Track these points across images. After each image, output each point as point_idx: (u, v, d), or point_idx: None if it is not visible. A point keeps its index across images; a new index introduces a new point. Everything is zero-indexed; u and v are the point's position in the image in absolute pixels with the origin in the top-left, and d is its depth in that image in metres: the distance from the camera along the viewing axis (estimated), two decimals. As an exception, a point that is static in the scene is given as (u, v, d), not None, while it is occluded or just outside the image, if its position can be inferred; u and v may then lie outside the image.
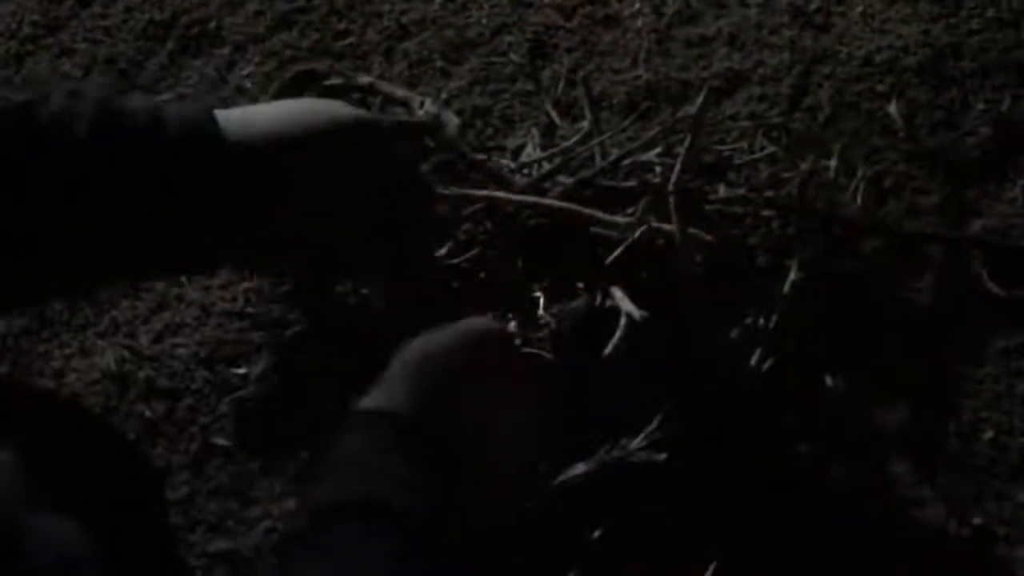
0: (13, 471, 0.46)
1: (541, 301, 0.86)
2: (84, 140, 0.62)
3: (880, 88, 1.02)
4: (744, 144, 0.98)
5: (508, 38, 1.11)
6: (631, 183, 0.90)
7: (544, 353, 0.83)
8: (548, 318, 0.85)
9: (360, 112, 0.73)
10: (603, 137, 0.93)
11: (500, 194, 0.88)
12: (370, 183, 0.71)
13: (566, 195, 0.88)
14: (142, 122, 0.64)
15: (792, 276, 0.89)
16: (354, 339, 0.92)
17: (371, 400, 0.64)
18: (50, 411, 0.70)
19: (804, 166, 0.97)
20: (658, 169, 0.91)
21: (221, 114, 0.66)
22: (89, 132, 0.62)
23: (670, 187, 0.84)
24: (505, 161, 0.96)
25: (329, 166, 0.69)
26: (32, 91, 0.64)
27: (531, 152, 0.97)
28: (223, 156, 0.65)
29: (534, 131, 1.01)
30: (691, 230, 0.84)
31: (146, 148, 0.63)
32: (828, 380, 0.88)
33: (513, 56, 1.10)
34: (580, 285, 0.87)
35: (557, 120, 1.02)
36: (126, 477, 0.70)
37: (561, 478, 0.81)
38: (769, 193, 0.94)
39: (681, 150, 0.87)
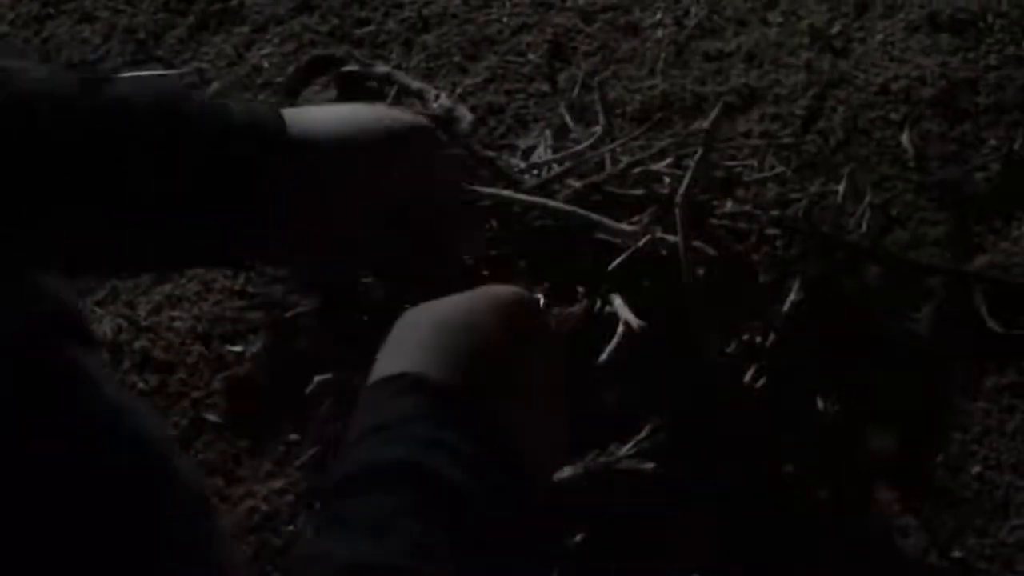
0: (160, 419, 0.46)
1: (541, 303, 0.87)
2: (146, 120, 0.62)
3: (894, 116, 1.02)
4: (754, 162, 0.98)
5: (527, 38, 1.11)
6: (639, 191, 0.90)
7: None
8: (546, 320, 0.86)
9: (417, 119, 0.74)
10: (615, 144, 0.93)
11: (507, 193, 0.88)
12: (418, 191, 0.71)
13: (574, 199, 0.89)
14: (207, 108, 0.64)
15: (792, 296, 0.89)
16: (353, 325, 0.92)
17: (397, 367, 0.60)
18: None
19: (812, 188, 0.97)
20: (667, 180, 0.91)
21: (284, 111, 0.67)
22: (152, 113, 0.62)
23: (678, 199, 0.84)
24: (515, 161, 0.96)
25: (383, 170, 0.69)
26: (91, 72, 0.64)
27: (542, 153, 0.97)
28: (286, 147, 0.65)
29: (547, 132, 1.01)
30: (695, 243, 0.85)
31: (210, 132, 0.63)
32: (820, 402, 0.88)
33: (531, 56, 1.10)
34: (581, 290, 0.87)
35: (570, 123, 1.02)
36: None
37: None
38: (776, 212, 0.94)
39: (691, 163, 0.87)
